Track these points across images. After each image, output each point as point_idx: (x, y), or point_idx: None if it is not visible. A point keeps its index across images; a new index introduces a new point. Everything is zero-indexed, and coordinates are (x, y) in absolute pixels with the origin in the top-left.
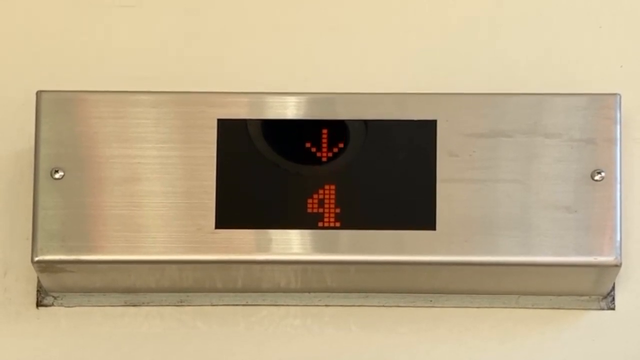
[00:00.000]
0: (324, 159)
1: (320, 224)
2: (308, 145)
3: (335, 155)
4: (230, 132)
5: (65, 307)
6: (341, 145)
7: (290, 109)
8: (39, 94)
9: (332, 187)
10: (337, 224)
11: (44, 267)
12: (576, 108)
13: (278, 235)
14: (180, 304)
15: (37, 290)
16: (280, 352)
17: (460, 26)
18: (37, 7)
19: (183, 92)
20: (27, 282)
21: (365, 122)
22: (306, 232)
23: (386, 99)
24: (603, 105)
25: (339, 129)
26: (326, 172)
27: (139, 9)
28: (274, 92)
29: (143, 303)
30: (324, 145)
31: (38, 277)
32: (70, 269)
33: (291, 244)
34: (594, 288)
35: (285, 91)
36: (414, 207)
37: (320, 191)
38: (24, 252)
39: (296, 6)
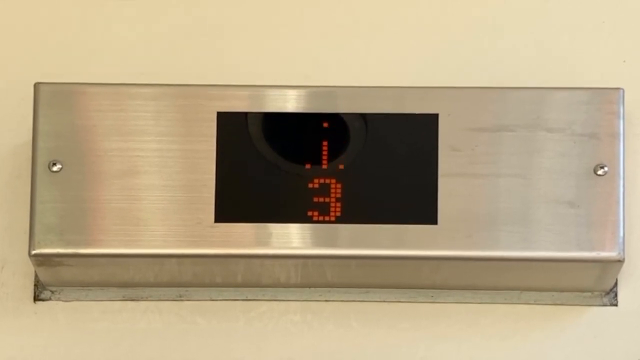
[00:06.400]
0: (325, 153)
1: (320, 218)
2: (308, 139)
3: (336, 149)
4: (230, 125)
5: (63, 301)
6: (342, 139)
7: (290, 103)
8: (37, 86)
9: (333, 181)
10: (338, 218)
11: (42, 260)
12: (579, 102)
13: (278, 229)
14: (179, 298)
15: (35, 285)
16: (280, 347)
17: (462, 20)
18: (37, 0)
19: (183, 85)
20: (24, 276)
21: (367, 116)
22: (306, 226)
23: (387, 92)
24: (606, 99)
25: (340, 122)
26: (327, 166)
27: (139, 1)
28: (274, 85)
29: (142, 298)
30: (325, 139)
31: (35, 271)
32: (68, 263)
33: (291, 238)
34: (597, 284)
35: (286, 84)
36: (415, 202)
37: (321, 185)
38: (21, 246)
39: (297, 0)
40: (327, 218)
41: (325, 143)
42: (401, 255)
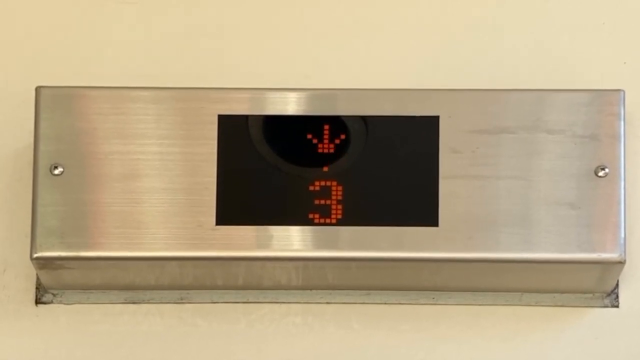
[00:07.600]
0: (326, 155)
1: (321, 221)
2: (309, 141)
3: (337, 152)
4: (231, 128)
5: (65, 304)
6: (343, 141)
7: (291, 105)
8: (38, 89)
9: (334, 183)
10: (339, 221)
11: (43, 263)
12: (579, 104)
13: (279, 232)
14: (180, 301)
15: (36, 288)
16: (281, 350)
17: (462, 22)
18: (38, 3)
19: (183, 87)
20: (26, 279)
21: (367, 118)
22: (307, 229)
23: (388, 95)
24: (607, 101)
25: (340, 125)
26: (328, 169)
27: (140, 5)
28: (275, 87)
29: (143, 300)
30: (326, 141)
31: (37, 274)
32: (70, 266)
33: (292, 241)
34: (598, 285)
35: (287, 87)
36: (416, 204)
37: (322, 187)
38: (23, 249)
39: (297, 1)
40: (328, 220)
41: (325, 145)
42: (402, 257)
